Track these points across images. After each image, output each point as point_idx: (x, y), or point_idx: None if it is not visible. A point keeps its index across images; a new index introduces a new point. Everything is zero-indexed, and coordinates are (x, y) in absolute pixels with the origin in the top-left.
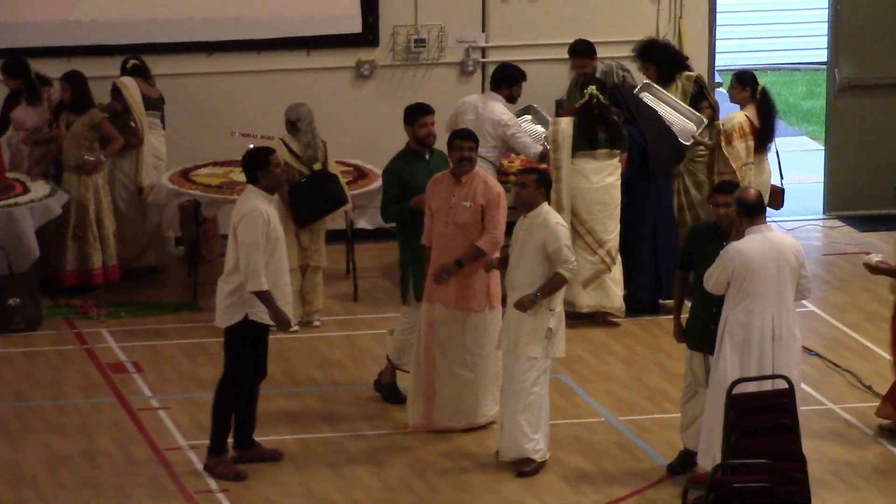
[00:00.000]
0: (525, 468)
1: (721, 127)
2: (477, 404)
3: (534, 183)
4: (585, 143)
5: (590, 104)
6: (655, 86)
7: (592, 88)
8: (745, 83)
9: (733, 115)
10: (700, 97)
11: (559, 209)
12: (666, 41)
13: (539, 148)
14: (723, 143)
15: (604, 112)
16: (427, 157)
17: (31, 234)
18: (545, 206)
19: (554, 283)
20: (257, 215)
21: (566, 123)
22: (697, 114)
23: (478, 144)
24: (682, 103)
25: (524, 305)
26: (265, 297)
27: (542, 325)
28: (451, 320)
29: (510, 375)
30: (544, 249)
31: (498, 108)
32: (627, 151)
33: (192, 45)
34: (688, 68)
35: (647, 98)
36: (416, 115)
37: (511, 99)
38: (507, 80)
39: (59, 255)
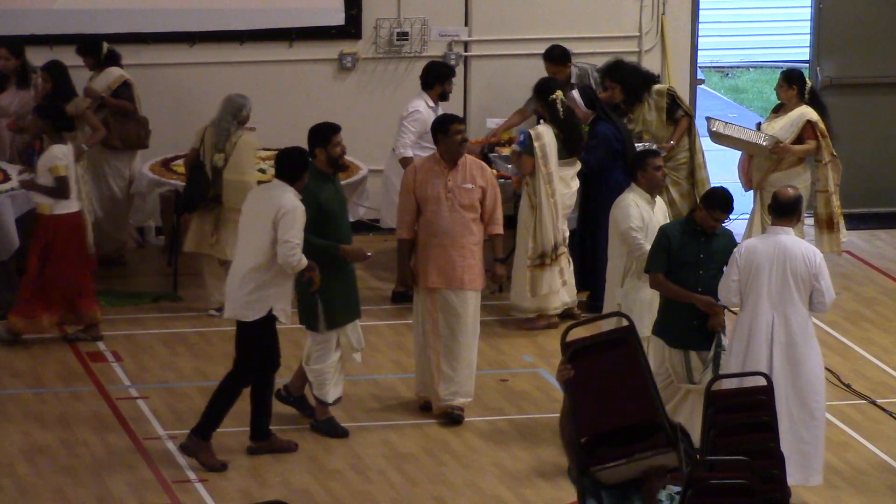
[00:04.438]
0: None
1: (812, 120)
2: (473, 383)
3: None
4: (566, 151)
5: (557, 111)
6: (717, 119)
7: (560, 94)
8: (792, 81)
9: (804, 109)
10: (674, 107)
11: (554, 219)
12: (633, 62)
13: (402, 152)
14: (820, 137)
15: (572, 116)
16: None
17: (12, 223)
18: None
19: None
20: (300, 213)
21: (549, 134)
22: (769, 135)
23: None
24: (747, 128)
25: None
26: (308, 268)
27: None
28: (458, 302)
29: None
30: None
31: (413, 102)
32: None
33: (175, 36)
34: (656, 83)
35: (718, 126)
36: (329, 135)
37: (444, 96)
38: (438, 78)
39: None
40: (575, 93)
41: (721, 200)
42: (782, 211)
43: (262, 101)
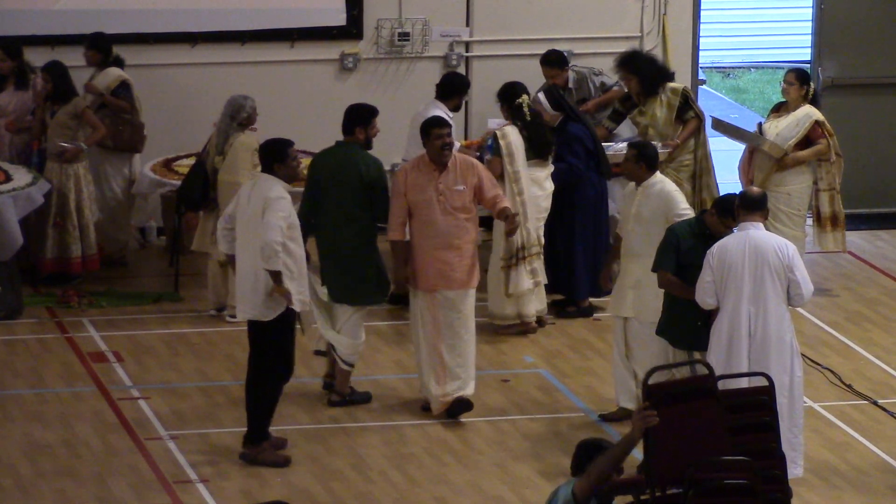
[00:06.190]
0: None
1: (819, 119)
2: (474, 380)
3: (633, 158)
4: (533, 152)
5: (523, 114)
6: (721, 119)
7: (525, 98)
8: (803, 81)
9: (809, 109)
10: (686, 108)
11: (522, 218)
12: (650, 53)
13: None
14: (829, 136)
15: (538, 118)
16: None
17: (14, 222)
18: (658, 175)
19: None
20: (285, 203)
21: (514, 133)
22: (772, 141)
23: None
24: (743, 128)
25: None
26: (277, 277)
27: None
28: (458, 299)
29: (640, 341)
30: (665, 216)
31: (430, 112)
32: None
33: (176, 36)
34: (671, 80)
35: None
36: (370, 117)
37: (457, 109)
38: (459, 90)
39: (39, 244)
40: (541, 95)
41: (734, 209)
42: (751, 206)
43: (264, 101)
